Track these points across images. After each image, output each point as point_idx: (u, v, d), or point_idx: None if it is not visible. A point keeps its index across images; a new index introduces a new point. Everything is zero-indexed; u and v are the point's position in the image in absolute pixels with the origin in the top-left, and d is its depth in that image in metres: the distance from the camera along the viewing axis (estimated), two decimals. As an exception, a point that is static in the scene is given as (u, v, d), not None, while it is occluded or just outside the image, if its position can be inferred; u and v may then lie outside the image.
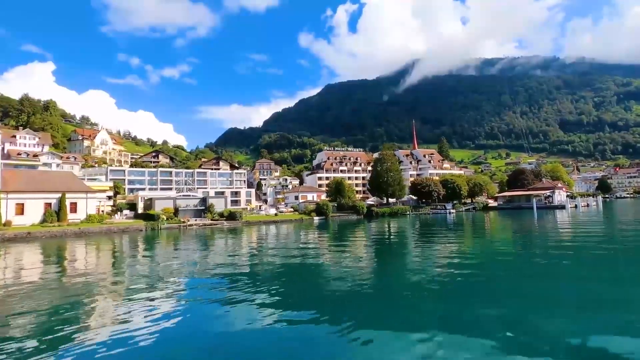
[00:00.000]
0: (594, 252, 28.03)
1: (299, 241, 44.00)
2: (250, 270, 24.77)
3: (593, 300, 14.67)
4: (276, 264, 27.01)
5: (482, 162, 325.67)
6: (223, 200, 79.10)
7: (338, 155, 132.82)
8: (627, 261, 24.17)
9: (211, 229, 67.38)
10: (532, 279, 19.18)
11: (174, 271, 24.97)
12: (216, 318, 13.78)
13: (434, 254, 29.56)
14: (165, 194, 78.85)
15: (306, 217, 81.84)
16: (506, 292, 16.74)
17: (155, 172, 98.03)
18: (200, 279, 21.90)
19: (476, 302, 14.77)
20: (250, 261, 29.01)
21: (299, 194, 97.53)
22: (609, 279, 18.77)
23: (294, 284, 20.45)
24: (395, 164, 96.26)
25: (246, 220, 74.30)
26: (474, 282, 18.74)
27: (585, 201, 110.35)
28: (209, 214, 73.95)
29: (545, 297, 15.22)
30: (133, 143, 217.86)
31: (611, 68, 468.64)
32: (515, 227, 56.77)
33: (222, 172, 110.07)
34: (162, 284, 20.31)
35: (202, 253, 34.97)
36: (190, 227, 67.77)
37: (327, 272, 23.16)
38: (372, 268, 24.89)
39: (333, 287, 18.62)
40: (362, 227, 65.30)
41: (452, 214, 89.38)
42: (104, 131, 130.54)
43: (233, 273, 23.22)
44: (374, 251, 34.16)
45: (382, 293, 17.40)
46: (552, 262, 23.88)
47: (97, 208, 67.04)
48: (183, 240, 47.78)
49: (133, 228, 62.50)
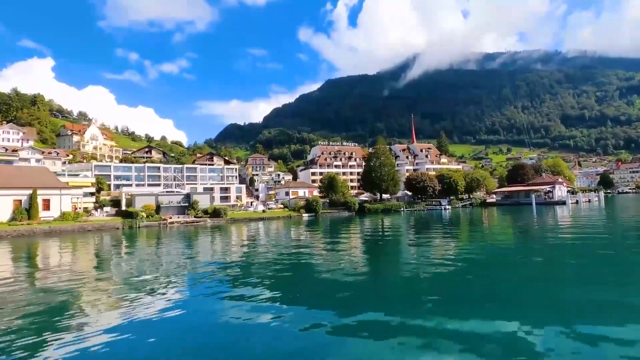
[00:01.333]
0: (597, 252, 24.94)
1: (281, 241, 40.50)
2: (218, 275, 21.11)
3: (594, 307, 13.03)
4: (253, 266, 24.17)
5: (483, 157, 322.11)
6: (208, 196, 75.54)
7: (332, 150, 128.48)
8: (632, 265, 20.56)
9: (193, 226, 63.91)
10: (528, 286, 16.72)
11: (126, 277, 21.52)
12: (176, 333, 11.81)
13: (421, 257, 26.17)
14: (147, 190, 75.25)
15: (295, 214, 78.11)
16: (491, 297, 15.08)
17: (142, 167, 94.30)
18: (154, 288, 18.20)
19: (465, 308, 13.19)
20: (218, 266, 25.33)
21: (290, 190, 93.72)
22: (613, 283, 16.55)
23: (273, 289, 17.30)
24: (390, 158, 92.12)
25: (231, 218, 70.69)
26: (461, 290, 16.28)
27: (586, 197, 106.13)
28: (192, 211, 70.41)
29: (544, 305, 13.40)
30: (130, 139, 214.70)
31: (613, 62, 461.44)
32: (511, 225, 52.97)
33: (213, 167, 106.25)
34: (111, 290, 17.90)
35: (167, 257, 31.03)
36: (171, 225, 64.27)
37: (308, 278, 20.25)
38: (354, 271, 21.30)
39: (314, 294, 16.72)
40: (352, 224, 61.69)
41: (447, 210, 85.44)
42: (94, 126, 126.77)
43: (195, 278, 20.36)
44: (357, 253, 30.36)
45: (364, 301, 14.95)
46: (549, 267, 20.49)
47: (74, 205, 63.56)
48: (158, 240, 44.37)
49: (109, 226, 59.00)
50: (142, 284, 18.94)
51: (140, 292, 16.96)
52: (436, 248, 30.77)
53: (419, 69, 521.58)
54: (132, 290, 17.43)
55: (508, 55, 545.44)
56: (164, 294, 16.79)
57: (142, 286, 18.31)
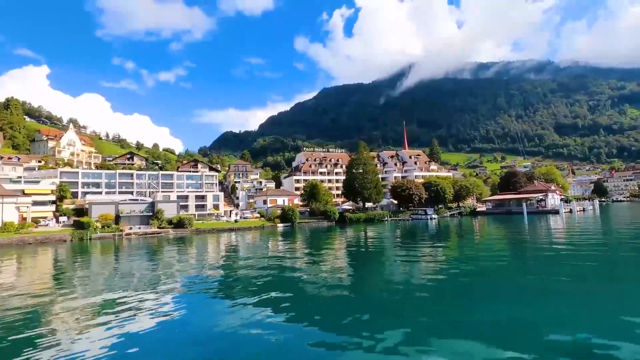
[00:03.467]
0: (599, 285, 18.58)
1: (239, 258, 34.32)
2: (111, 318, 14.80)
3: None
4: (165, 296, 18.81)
5: (478, 165, 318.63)
6: (175, 205, 69.19)
7: (318, 157, 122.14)
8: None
9: (154, 238, 57.53)
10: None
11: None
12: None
13: (388, 282, 21.33)
14: (108, 198, 68.82)
15: (269, 224, 71.66)
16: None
17: (113, 174, 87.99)
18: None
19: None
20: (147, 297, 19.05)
21: (267, 198, 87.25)
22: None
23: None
24: (372, 165, 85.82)
25: (196, 229, 64.27)
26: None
27: (580, 205, 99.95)
28: (155, 221, 64.00)
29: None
30: (118, 146, 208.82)
31: (605, 71, 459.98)
32: (499, 238, 46.92)
33: (191, 174, 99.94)
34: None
35: (93, 282, 24.60)
36: (128, 237, 57.90)
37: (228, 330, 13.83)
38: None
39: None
40: (329, 236, 55.75)
41: (433, 219, 79.06)
42: (71, 131, 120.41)
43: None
44: (321, 275, 24.02)
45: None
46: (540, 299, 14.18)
47: (21, 215, 57.22)
48: (102, 255, 38.51)
49: (55, 238, 52.55)
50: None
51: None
52: (405, 267, 26.26)
53: (415, 77, 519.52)
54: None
55: (501, 64, 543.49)
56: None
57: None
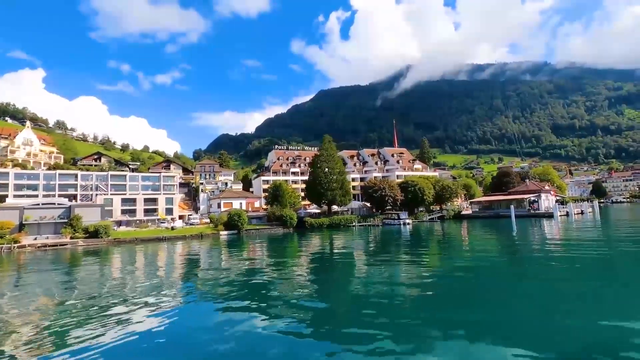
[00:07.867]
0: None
1: (134, 288, 22.20)
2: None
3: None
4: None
5: (474, 167, 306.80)
6: (98, 210, 57.35)
7: (291, 156, 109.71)
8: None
9: (56, 251, 45.69)
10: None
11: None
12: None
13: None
14: (13, 202, 57.20)
15: (211, 232, 59.49)
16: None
17: (53, 175, 76.46)
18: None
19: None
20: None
21: (221, 201, 75.17)
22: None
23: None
24: (337, 162, 73.16)
25: (115, 238, 52.27)
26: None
27: (578, 207, 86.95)
28: (68, 230, 52.08)
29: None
30: (103, 148, 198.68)
31: (602, 72, 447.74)
32: (479, 247, 34.69)
33: (147, 175, 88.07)
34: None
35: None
36: (21, 250, 46.06)
37: None
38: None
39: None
40: (279, 247, 44.09)
41: (408, 225, 66.49)
42: (28, 130, 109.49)
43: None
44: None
45: None
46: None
47: None
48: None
49: None
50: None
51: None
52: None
53: (411, 79, 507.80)
54: None
55: (498, 66, 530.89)
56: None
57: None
